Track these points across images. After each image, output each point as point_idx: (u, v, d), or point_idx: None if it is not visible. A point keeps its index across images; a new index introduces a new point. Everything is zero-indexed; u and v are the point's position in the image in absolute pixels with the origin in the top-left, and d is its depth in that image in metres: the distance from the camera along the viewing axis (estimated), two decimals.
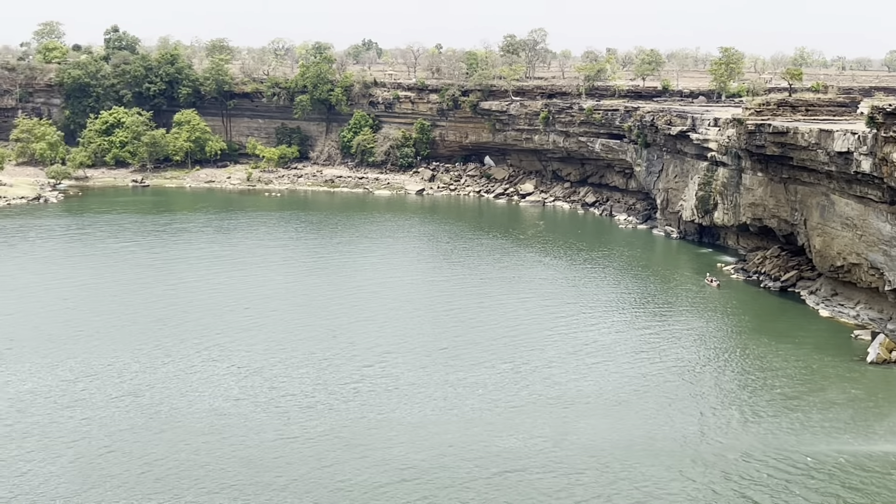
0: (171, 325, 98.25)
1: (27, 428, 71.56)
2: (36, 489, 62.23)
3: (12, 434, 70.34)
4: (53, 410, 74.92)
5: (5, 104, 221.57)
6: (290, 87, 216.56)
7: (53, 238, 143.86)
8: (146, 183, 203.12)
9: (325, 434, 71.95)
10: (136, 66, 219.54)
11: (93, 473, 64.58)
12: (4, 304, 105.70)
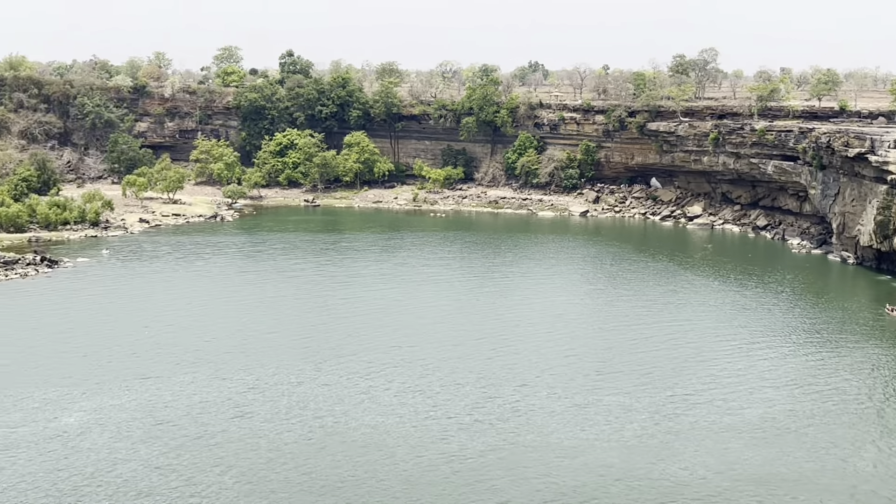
0: (336, 341, 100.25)
1: (199, 436, 74.08)
2: (204, 498, 64.22)
3: (186, 443, 72.92)
4: (223, 421, 77.38)
5: (186, 126, 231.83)
6: (456, 110, 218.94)
7: (228, 255, 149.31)
8: (317, 203, 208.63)
9: (484, 453, 71.80)
10: (310, 89, 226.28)
11: (258, 485, 66.22)
12: (181, 317, 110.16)
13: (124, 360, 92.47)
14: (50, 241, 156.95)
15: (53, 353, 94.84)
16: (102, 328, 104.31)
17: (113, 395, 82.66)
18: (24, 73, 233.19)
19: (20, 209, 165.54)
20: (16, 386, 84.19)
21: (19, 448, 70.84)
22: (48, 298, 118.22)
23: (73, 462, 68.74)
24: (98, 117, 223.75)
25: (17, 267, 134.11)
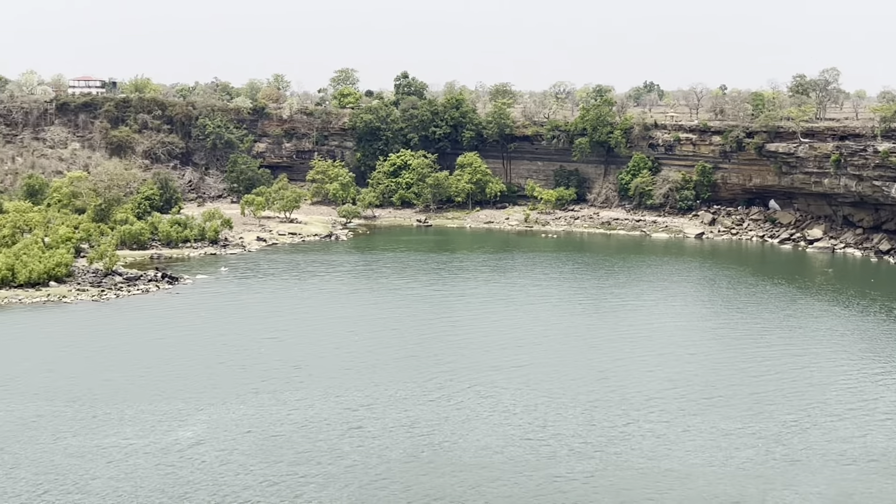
0: (444, 360, 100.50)
1: (308, 452, 74.99)
2: None
3: (296, 458, 73.89)
4: (333, 437, 78.19)
5: (303, 147, 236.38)
6: (569, 130, 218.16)
7: (341, 273, 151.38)
8: (429, 223, 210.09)
9: (592, 477, 70.91)
10: (424, 110, 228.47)
11: (366, 502, 66.63)
12: (294, 333, 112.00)
13: (238, 375, 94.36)
14: (171, 259, 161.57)
15: (171, 367, 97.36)
16: (219, 344, 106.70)
17: (227, 409, 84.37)
18: (149, 95, 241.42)
19: (143, 227, 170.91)
20: (134, 399, 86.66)
21: (136, 459, 72.78)
22: (167, 314, 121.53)
23: (185, 474, 70.28)
24: (219, 138, 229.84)
25: (140, 283, 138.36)
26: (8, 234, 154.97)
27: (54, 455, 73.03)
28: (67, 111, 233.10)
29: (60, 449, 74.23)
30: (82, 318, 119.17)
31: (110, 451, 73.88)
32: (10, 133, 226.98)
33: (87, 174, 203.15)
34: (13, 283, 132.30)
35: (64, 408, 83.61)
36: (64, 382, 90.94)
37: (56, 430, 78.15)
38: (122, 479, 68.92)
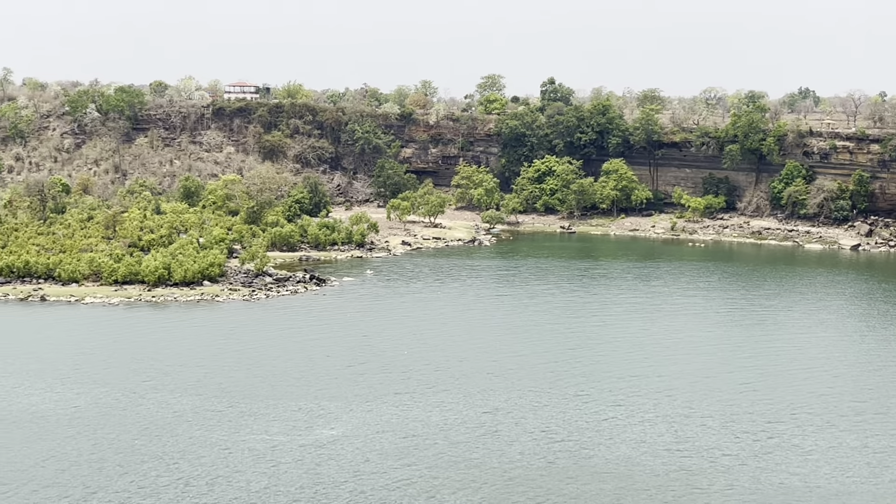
0: (585, 368, 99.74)
1: (444, 455, 75.47)
2: None
3: (432, 461, 74.46)
4: (470, 441, 78.49)
5: (449, 152, 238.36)
6: (719, 137, 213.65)
7: (483, 278, 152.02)
8: (573, 229, 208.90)
9: (732, 490, 69.21)
10: (569, 116, 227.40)
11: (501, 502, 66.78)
12: (435, 336, 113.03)
13: (381, 377, 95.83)
14: (319, 261, 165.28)
15: (316, 366, 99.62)
16: (363, 345, 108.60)
17: (368, 409, 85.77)
18: (301, 101, 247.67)
19: (293, 229, 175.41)
20: (279, 397, 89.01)
21: (279, 455, 74.72)
22: (314, 315, 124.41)
23: (326, 472, 71.72)
24: (367, 143, 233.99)
25: (289, 284, 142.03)
26: (165, 235, 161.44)
27: (203, 448, 75.62)
28: (223, 116, 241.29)
29: (208, 442, 76.83)
30: (233, 316, 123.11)
31: (255, 447, 76.05)
32: (168, 136, 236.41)
33: (240, 177, 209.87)
34: (169, 282, 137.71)
35: (213, 403, 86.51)
36: (214, 378, 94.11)
37: (205, 425, 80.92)
38: (265, 474, 70.84)
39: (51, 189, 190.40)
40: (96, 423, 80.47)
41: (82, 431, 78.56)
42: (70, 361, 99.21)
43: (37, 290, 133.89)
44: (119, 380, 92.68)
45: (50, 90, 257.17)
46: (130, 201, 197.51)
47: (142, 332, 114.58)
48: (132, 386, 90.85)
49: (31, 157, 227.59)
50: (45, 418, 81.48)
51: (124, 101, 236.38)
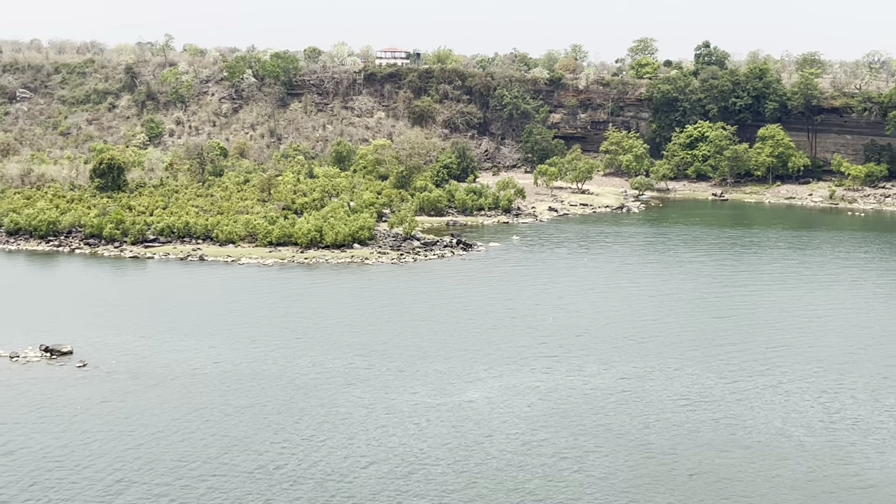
0: (730, 337, 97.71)
1: (591, 422, 75.36)
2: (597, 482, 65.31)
3: (582, 429, 74.39)
4: (614, 405, 78.06)
5: (598, 117, 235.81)
6: (883, 102, 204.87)
7: (630, 245, 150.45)
8: (725, 197, 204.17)
9: (888, 471, 66.85)
10: (724, 80, 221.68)
11: (654, 479, 66.19)
12: (580, 302, 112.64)
13: (525, 342, 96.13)
14: (465, 226, 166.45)
15: (461, 330, 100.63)
16: (508, 310, 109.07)
17: (514, 374, 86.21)
18: (450, 66, 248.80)
19: (441, 194, 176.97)
20: (426, 358, 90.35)
21: (426, 417, 75.88)
22: (460, 279, 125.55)
23: (472, 436, 72.43)
24: (515, 108, 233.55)
25: (436, 248, 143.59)
26: (317, 198, 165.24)
27: (352, 406, 77.47)
28: (374, 81, 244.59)
29: (356, 401, 78.65)
30: (381, 279, 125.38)
31: (402, 407, 77.48)
32: (321, 102, 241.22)
33: (390, 142, 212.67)
34: (321, 244, 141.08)
35: (361, 362, 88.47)
36: (363, 338, 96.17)
37: (354, 384, 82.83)
38: (412, 435, 72.08)
39: (209, 152, 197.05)
40: (251, 380, 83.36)
41: (236, 388, 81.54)
42: (226, 320, 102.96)
43: (196, 250, 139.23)
44: (273, 338, 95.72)
45: (209, 56, 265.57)
46: (284, 165, 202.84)
47: (294, 292, 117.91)
48: (285, 345, 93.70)
49: (190, 122, 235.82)
50: (202, 374, 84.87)
51: (279, 67, 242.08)
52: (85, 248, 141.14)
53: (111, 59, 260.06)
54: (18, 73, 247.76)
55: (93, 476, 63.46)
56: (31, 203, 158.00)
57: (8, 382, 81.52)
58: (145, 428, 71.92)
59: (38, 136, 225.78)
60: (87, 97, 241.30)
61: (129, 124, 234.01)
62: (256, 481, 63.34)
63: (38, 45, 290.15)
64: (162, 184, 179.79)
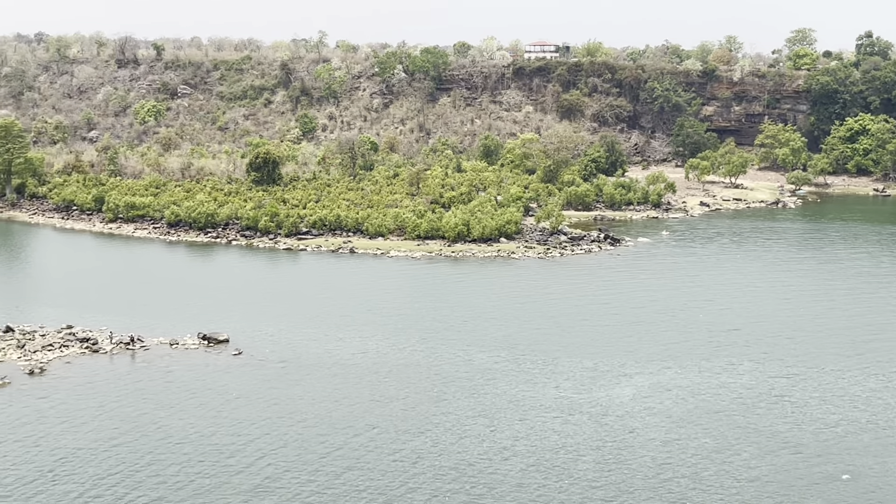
0: (889, 338, 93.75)
1: (738, 419, 73.51)
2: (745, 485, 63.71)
3: (730, 429, 72.74)
4: (764, 405, 75.89)
5: (753, 110, 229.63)
6: None
7: (784, 242, 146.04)
8: (887, 192, 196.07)
9: None
10: (887, 72, 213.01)
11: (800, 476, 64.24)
12: (728, 299, 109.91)
13: (672, 337, 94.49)
14: (613, 220, 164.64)
15: (608, 325, 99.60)
16: (654, 305, 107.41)
17: (661, 371, 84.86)
18: (600, 59, 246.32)
19: (588, 189, 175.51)
20: (569, 353, 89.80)
21: (572, 414, 75.45)
22: (607, 274, 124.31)
23: (620, 434, 71.65)
24: (666, 101, 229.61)
25: (583, 243, 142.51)
26: (465, 192, 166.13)
27: (494, 400, 77.66)
28: (523, 75, 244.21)
29: (499, 394, 78.80)
30: (527, 273, 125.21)
31: (546, 402, 77.21)
32: (470, 96, 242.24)
33: (538, 136, 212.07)
34: (468, 238, 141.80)
35: (506, 356, 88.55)
36: (508, 332, 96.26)
37: (498, 377, 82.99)
38: (555, 430, 71.79)
39: (360, 147, 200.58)
40: (398, 371, 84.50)
41: (383, 379, 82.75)
42: (375, 312, 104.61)
43: (346, 242, 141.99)
44: (420, 330, 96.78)
45: (361, 52, 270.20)
46: (433, 159, 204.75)
47: (441, 285, 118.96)
48: (432, 337, 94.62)
49: (342, 117, 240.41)
50: (350, 365, 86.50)
51: (429, 62, 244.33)
52: (241, 239, 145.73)
53: (267, 55, 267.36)
54: (180, 70, 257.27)
55: (241, 461, 65.49)
56: (190, 196, 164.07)
57: (168, 368, 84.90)
58: (294, 416, 73.80)
59: (198, 131, 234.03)
60: (244, 93, 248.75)
61: (284, 119, 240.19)
62: (399, 470, 64.20)
63: (198, 42, 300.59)
64: (314, 178, 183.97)
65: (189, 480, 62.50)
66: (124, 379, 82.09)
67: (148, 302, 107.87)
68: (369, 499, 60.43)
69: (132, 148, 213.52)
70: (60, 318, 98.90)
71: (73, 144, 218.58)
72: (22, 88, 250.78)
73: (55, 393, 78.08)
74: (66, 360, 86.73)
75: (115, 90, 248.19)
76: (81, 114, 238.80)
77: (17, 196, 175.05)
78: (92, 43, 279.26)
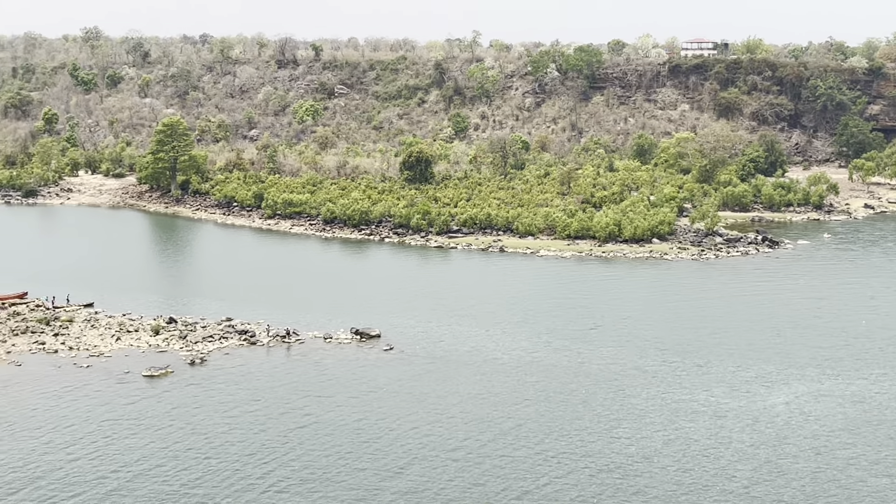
0: None
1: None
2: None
3: (880, 436, 69.77)
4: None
5: None
6: None
7: None
8: None
9: None
10: None
11: None
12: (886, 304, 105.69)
13: (830, 344, 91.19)
14: (772, 222, 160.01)
15: (760, 329, 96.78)
16: (813, 310, 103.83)
17: (818, 379, 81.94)
18: (760, 56, 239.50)
19: (746, 189, 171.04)
20: (722, 358, 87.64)
21: (721, 417, 73.57)
22: (764, 277, 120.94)
23: (776, 444, 69.54)
24: (829, 99, 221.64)
25: (739, 245, 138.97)
26: (617, 192, 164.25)
27: (642, 402, 76.45)
28: (679, 73, 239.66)
29: (647, 396, 77.53)
30: (680, 275, 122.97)
31: (696, 406, 75.57)
32: (623, 95, 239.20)
33: (693, 135, 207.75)
34: (619, 238, 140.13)
35: (656, 358, 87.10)
36: (658, 334, 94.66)
37: (648, 380, 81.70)
38: (710, 436, 70.13)
39: (512, 146, 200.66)
40: (545, 370, 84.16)
41: (530, 377, 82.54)
42: (524, 310, 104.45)
43: (496, 241, 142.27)
44: (568, 330, 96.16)
45: (514, 51, 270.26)
46: (585, 158, 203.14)
47: (591, 285, 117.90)
48: (581, 336, 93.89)
49: (494, 116, 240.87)
50: (498, 362, 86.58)
51: (583, 61, 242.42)
52: (393, 236, 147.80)
53: (421, 55, 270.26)
54: (337, 70, 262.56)
55: (387, 454, 66.33)
56: (345, 193, 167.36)
57: (321, 362, 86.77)
58: (439, 411, 74.35)
59: (353, 130, 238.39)
60: (398, 93, 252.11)
61: (437, 119, 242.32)
62: (543, 470, 63.86)
63: (354, 43, 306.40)
64: (466, 176, 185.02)
65: (336, 470, 63.70)
66: (279, 370, 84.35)
67: (303, 296, 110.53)
68: (512, 497, 60.34)
69: (290, 146, 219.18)
70: (220, 311, 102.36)
71: (235, 142, 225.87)
72: (187, 88, 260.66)
73: (213, 382, 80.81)
74: (224, 351, 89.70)
75: (275, 90, 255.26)
76: (243, 113, 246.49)
77: (182, 192, 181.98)
78: (253, 44, 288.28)
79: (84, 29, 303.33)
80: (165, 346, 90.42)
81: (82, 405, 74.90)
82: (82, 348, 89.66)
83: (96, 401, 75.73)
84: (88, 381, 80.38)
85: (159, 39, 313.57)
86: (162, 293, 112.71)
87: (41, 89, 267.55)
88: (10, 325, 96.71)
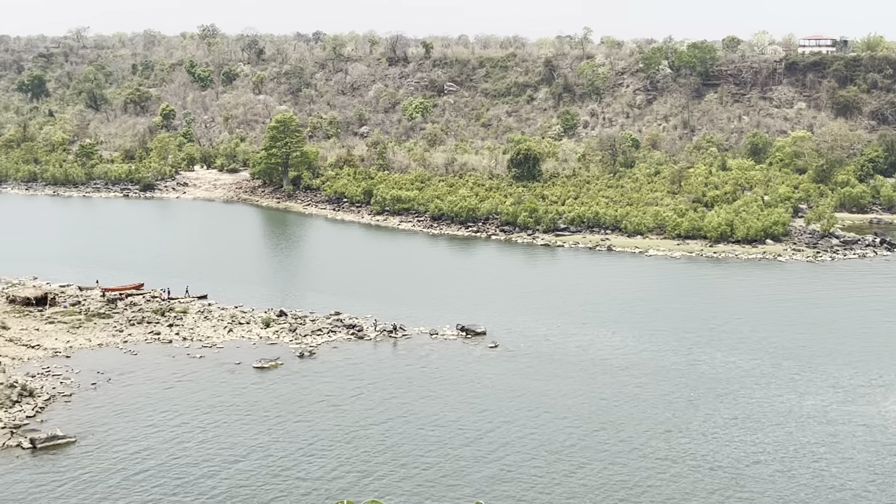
0: None
1: None
2: None
3: None
4: None
5: None
6: None
7: None
8: None
9: None
10: None
11: None
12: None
13: None
14: (891, 224, 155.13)
15: (877, 335, 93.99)
16: None
17: None
18: (881, 54, 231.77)
19: (864, 190, 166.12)
20: (836, 362, 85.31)
21: (838, 426, 71.58)
22: (881, 281, 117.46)
23: (881, 443, 67.45)
24: None
25: (857, 247, 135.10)
26: (729, 191, 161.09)
27: (754, 406, 74.87)
28: (795, 71, 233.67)
29: (759, 400, 75.86)
30: (795, 277, 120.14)
31: (808, 411, 73.68)
32: (738, 92, 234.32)
33: (810, 134, 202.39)
34: (731, 238, 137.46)
35: (768, 360, 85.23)
36: (771, 336, 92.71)
37: (761, 384, 79.98)
38: (822, 442, 68.32)
39: (621, 144, 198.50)
40: (653, 371, 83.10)
41: (637, 378, 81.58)
42: (631, 310, 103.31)
43: (604, 240, 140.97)
44: (677, 331, 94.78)
45: (625, 48, 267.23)
46: (697, 157, 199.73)
47: (701, 286, 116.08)
48: (690, 338, 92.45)
49: (604, 113, 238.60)
50: (603, 362, 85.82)
51: (696, 58, 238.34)
52: (500, 234, 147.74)
53: (531, 52, 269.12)
54: (447, 67, 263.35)
55: (484, 448, 66.28)
56: (453, 190, 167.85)
57: (426, 357, 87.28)
58: (541, 408, 74.21)
59: (462, 127, 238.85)
60: (507, 90, 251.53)
61: (546, 116, 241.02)
62: (644, 468, 63.07)
63: (465, 40, 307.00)
64: (574, 174, 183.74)
65: (436, 462, 63.95)
66: (384, 364, 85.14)
67: (411, 292, 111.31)
68: (608, 493, 60.02)
69: (400, 143, 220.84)
70: (329, 305, 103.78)
71: (345, 139, 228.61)
72: (300, 85, 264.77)
73: (321, 375, 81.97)
74: (333, 344, 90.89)
75: (386, 87, 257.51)
76: (354, 110, 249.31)
77: (293, 187, 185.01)
78: (365, 42, 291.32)
79: (201, 27, 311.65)
80: (276, 339, 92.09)
81: (193, 394, 76.80)
82: (195, 339, 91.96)
83: (208, 392, 77.54)
84: (200, 371, 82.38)
85: (273, 37, 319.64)
86: (273, 286, 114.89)
87: (159, 85, 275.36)
88: (128, 315, 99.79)
